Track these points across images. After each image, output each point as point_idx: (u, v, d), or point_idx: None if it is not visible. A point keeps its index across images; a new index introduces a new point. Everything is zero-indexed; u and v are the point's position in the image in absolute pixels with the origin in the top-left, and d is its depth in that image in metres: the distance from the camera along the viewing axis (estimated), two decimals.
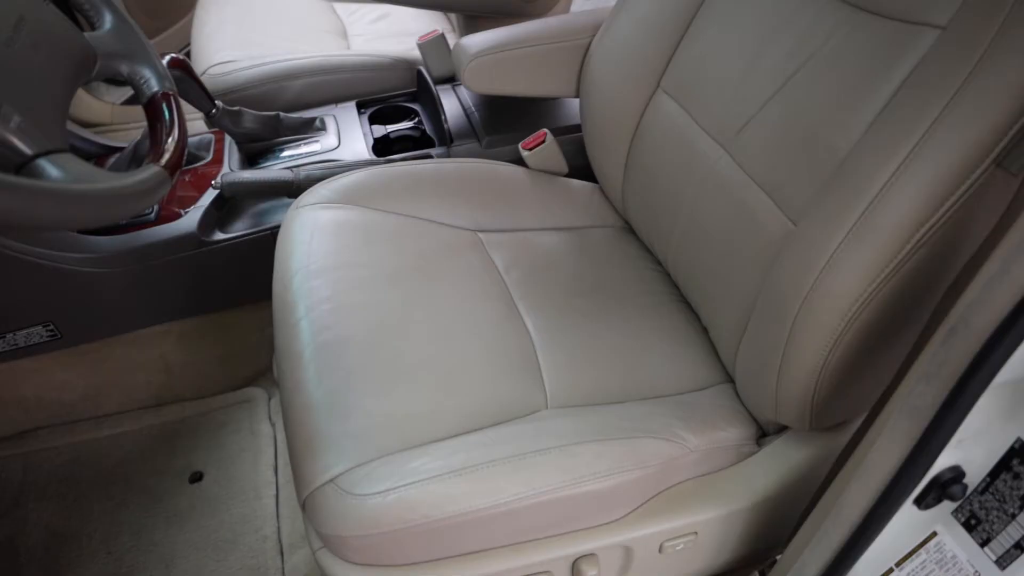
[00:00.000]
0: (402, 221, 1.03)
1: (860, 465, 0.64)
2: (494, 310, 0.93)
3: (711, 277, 0.90)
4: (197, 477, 1.18)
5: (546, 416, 0.81)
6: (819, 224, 0.70)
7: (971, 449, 0.59)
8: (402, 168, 1.10)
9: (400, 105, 1.38)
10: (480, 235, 1.06)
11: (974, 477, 0.61)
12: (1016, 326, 0.50)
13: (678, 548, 0.81)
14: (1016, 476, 0.57)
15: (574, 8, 1.49)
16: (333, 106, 1.37)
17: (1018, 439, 0.57)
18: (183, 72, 1.10)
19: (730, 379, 0.91)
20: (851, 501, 0.66)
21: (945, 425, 0.56)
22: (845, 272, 0.66)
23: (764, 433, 0.87)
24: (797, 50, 0.80)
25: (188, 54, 1.95)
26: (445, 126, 1.24)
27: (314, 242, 0.98)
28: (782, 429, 0.86)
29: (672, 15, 0.97)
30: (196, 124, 1.36)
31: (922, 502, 0.63)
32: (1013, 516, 0.58)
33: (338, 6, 1.72)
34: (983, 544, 0.61)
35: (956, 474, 0.61)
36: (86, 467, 1.20)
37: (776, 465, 0.83)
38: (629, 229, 1.14)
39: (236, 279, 1.19)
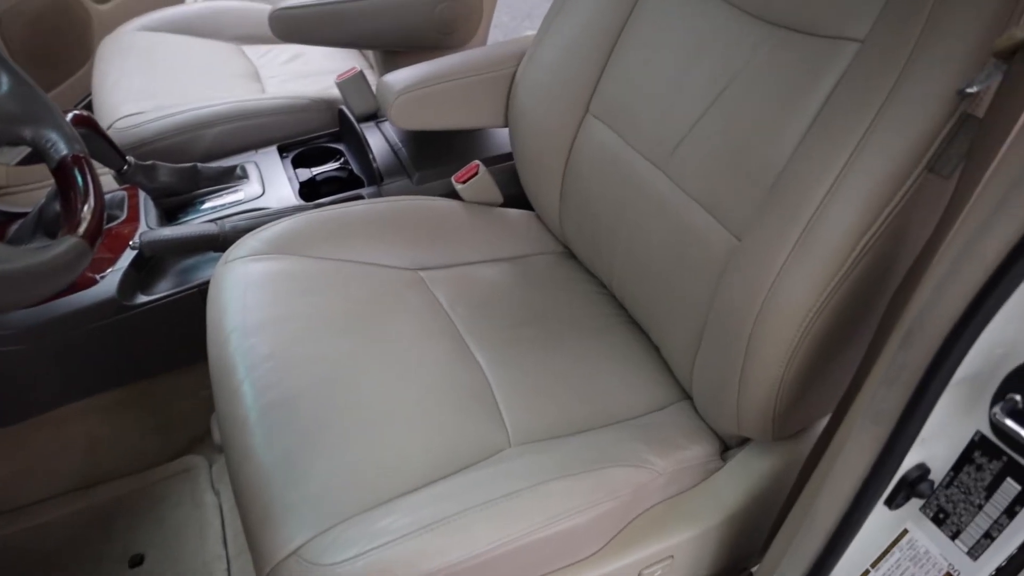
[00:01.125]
0: (339, 266, 1.00)
1: (830, 472, 0.65)
2: (444, 350, 0.91)
3: (658, 296, 0.90)
4: (138, 560, 1.10)
5: (511, 455, 0.79)
6: (764, 239, 0.71)
7: (934, 446, 0.61)
8: (334, 211, 1.06)
9: (324, 146, 1.34)
10: (421, 273, 1.03)
11: (939, 472, 0.62)
12: (969, 326, 0.51)
13: (656, 574, 0.80)
14: (979, 468, 0.59)
15: (491, 40, 1.49)
16: (253, 152, 1.32)
17: (977, 431, 0.58)
18: (89, 129, 1.03)
19: (687, 396, 0.91)
20: (824, 508, 0.66)
21: (910, 427, 0.57)
22: (795, 285, 0.67)
23: (727, 447, 0.88)
24: (722, 69, 0.82)
25: (88, 107, 1.85)
26: (373, 165, 1.21)
27: (248, 297, 0.93)
28: (745, 441, 0.87)
29: (595, 40, 0.98)
30: (106, 180, 1.29)
31: (892, 502, 0.64)
32: (980, 507, 0.59)
33: (247, 49, 1.67)
34: (953, 537, 0.62)
35: (922, 472, 0.62)
36: (11, 565, 1.10)
37: (743, 478, 0.83)
38: (570, 254, 1.14)
39: (164, 343, 1.13)
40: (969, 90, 0.57)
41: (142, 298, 1.09)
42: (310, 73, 1.58)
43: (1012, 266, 0.48)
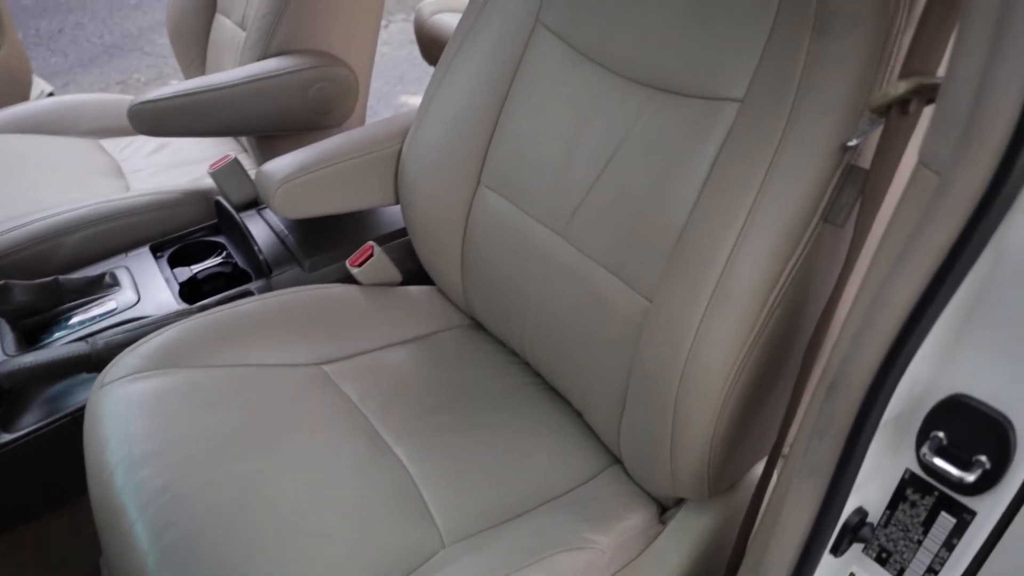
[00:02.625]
0: (234, 374, 0.92)
1: (774, 530, 0.64)
2: (360, 451, 0.85)
3: (575, 363, 0.89)
4: None
5: (448, 558, 0.74)
6: (676, 300, 0.70)
7: (868, 489, 0.61)
8: (221, 313, 0.99)
9: (202, 241, 1.26)
10: (325, 368, 0.97)
11: (875, 513, 0.62)
12: (890, 374, 0.52)
13: None
14: (913, 505, 0.60)
15: (367, 109, 1.47)
16: (123, 256, 1.22)
17: (907, 470, 0.59)
18: None
19: (616, 460, 0.89)
20: (772, 565, 0.65)
21: (846, 477, 0.57)
22: (715, 345, 0.67)
23: (664, 508, 0.86)
24: (610, 134, 0.83)
25: None
26: (260, 256, 1.14)
27: (132, 423, 0.83)
28: (680, 500, 0.85)
29: (478, 112, 0.97)
30: None
31: (837, 550, 0.63)
32: (919, 542, 0.60)
33: (106, 143, 1.56)
34: (899, 574, 0.62)
35: (861, 515, 0.62)
36: None
37: (685, 539, 0.81)
38: (477, 325, 1.11)
39: (34, 485, 0.99)
40: (850, 143, 0.60)
41: (4, 437, 0.96)
42: (179, 163, 1.50)
43: (921, 315, 0.49)
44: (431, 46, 1.89)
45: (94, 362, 0.98)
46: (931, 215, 0.47)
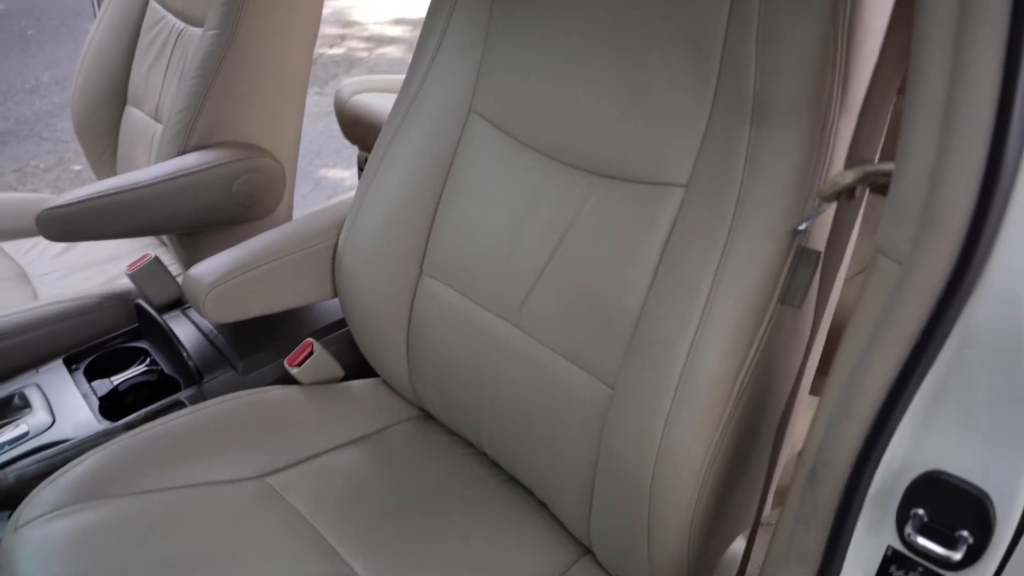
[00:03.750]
0: (169, 499, 0.84)
1: None
2: (314, 571, 0.78)
3: (537, 453, 0.86)
4: None
5: None
6: (641, 390, 0.69)
7: (851, 568, 0.60)
8: (150, 431, 0.91)
9: (123, 348, 1.17)
10: (269, 480, 0.90)
11: None
12: (870, 459, 0.52)
13: None
14: None
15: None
16: (33, 372, 1.12)
17: (888, 547, 0.59)
18: None
19: (587, 550, 0.86)
20: None
21: (833, 564, 0.57)
22: (685, 435, 0.66)
23: None
24: (555, 220, 0.82)
25: None
26: (188, 362, 1.07)
27: (55, 569, 0.75)
28: None
29: (416, 201, 0.95)
30: None
31: None
32: None
33: (7, 246, 1.45)
34: None
35: None
36: None
37: None
38: (427, 416, 1.07)
39: None
40: (800, 228, 0.61)
41: None
42: (92, 263, 1.41)
43: (897, 400, 0.49)
44: (353, 126, 1.88)
45: (4, 499, 0.88)
46: (898, 304, 0.48)
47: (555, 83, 0.83)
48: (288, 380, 1.05)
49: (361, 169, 1.98)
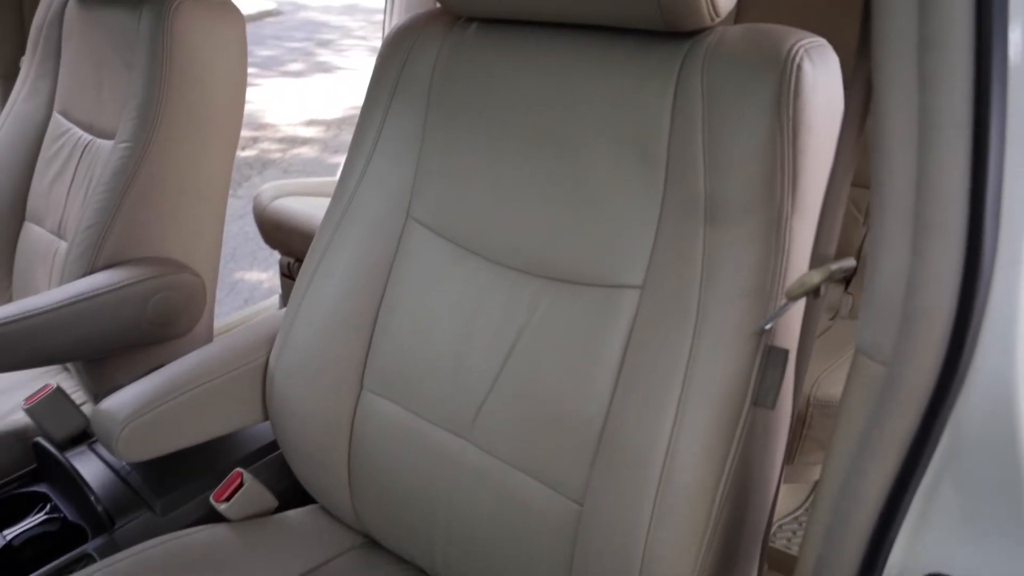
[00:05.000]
0: None
1: None
2: None
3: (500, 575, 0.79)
4: None
5: None
6: (614, 505, 0.65)
7: None
8: None
9: (18, 495, 1.03)
10: None
11: None
12: (873, 572, 0.49)
13: None
14: None
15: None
16: None
17: None
18: None
19: None
20: None
21: None
22: (668, 553, 0.61)
23: None
24: (505, 327, 0.79)
25: None
26: (97, 506, 0.95)
27: None
28: None
29: (354, 312, 0.90)
30: None
31: None
32: None
33: None
34: None
35: None
36: None
37: None
38: (372, 543, 0.98)
39: None
40: (766, 327, 0.60)
41: None
42: None
43: (898, 507, 0.47)
44: (274, 231, 1.83)
45: None
46: (888, 408, 0.46)
47: (496, 186, 0.81)
48: (215, 517, 0.95)
49: (283, 274, 1.91)
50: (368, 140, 0.92)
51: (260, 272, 3.14)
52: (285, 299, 1.95)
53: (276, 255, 3.18)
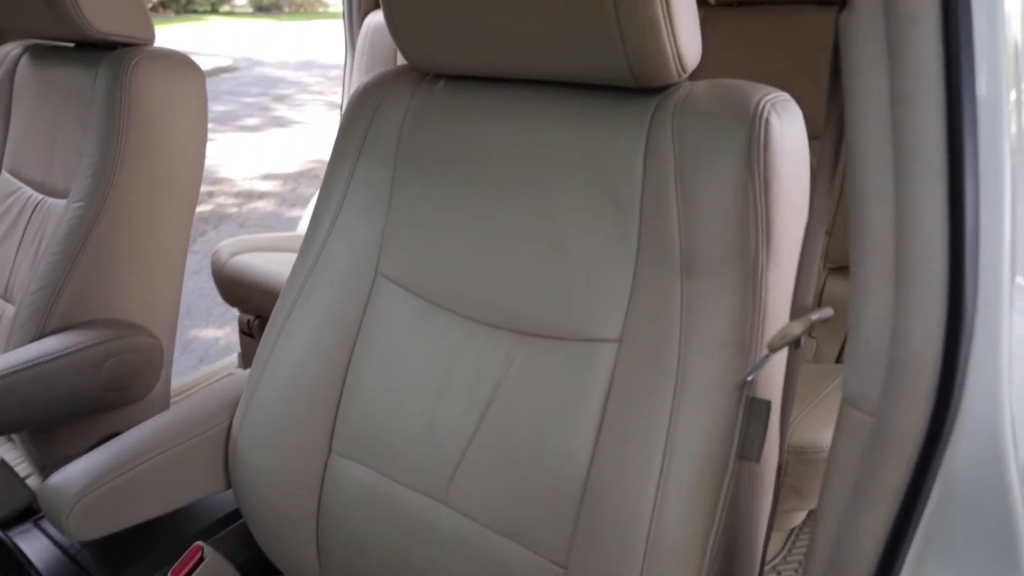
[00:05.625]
0: None
1: None
2: None
3: None
4: None
5: None
6: (600, 569, 0.63)
7: None
8: None
9: None
10: None
11: None
12: None
13: None
14: None
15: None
16: None
17: None
18: None
19: None
20: None
21: None
22: None
23: None
24: (480, 384, 0.77)
25: None
26: None
27: None
28: None
29: (321, 373, 0.87)
30: None
31: None
32: None
33: None
34: None
35: None
36: None
37: None
38: None
39: None
40: (749, 378, 0.59)
41: None
42: None
43: (895, 559, 0.46)
44: (233, 288, 1.78)
45: None
46: (879, 459, 0.45)
47: (467, 241, 0.80)
48: None
49: (243, 331, 1.86)
50: (335, 196, 0.90)
51: (216, 329, 3.06)
52: (245, 357, 1.89)
53: (234, 312, 3.11)
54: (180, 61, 1.16)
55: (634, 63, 0.64)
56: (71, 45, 1.28)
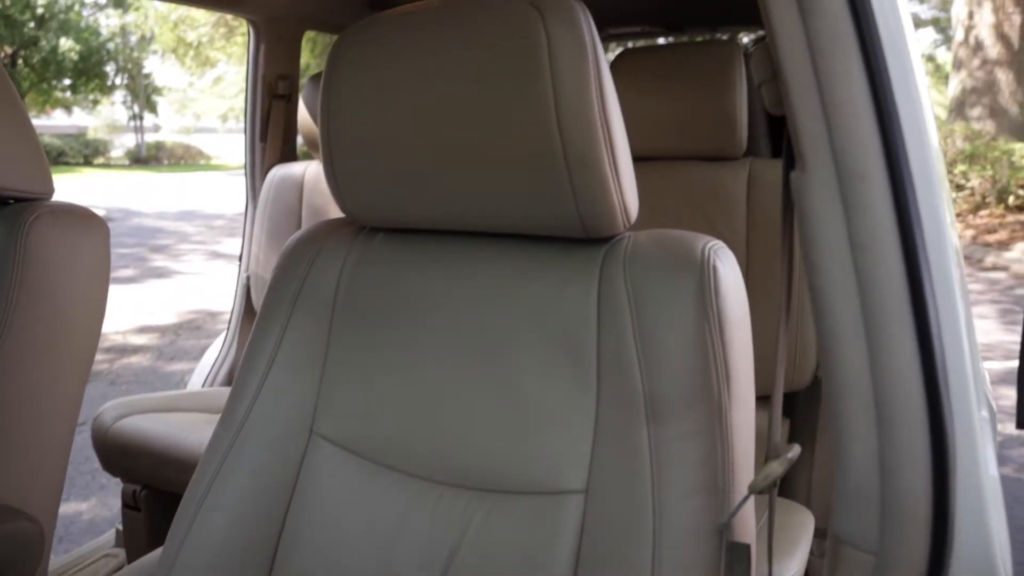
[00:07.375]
0: None
1: None
2: None
3: None
4: None
5: None
6: None
7: None
8: None
9: None
10: None
11: None
12: None
13: None
14: None
15: None
16: None
17: None
18: None
19: None
20: None
21: None
22: None
23: None
24: (434, 549, 0.71)
25: None
26: None
27: None
28: None
29: (247, 551, 0.78)
30: None
31: None
32: None
33: None
34: None
35: None
36: None
37: None
38: None
39: None
40: (724, 523, 0.59)
41: None
42: None
43: None
44: (119, 456, 1.61)
45: None
46: None
47: (413, 395, 0.77)
48: None
49: (127, 505, 1.66)
50: (263, 356, 0.85)
51: (78, 503, 2.72)
52: (127, 534, 1.68)
53: (100, 480, 2.79)
54: (83, 216, 1.10)
55: (585, 215, 0.66)
56: None
